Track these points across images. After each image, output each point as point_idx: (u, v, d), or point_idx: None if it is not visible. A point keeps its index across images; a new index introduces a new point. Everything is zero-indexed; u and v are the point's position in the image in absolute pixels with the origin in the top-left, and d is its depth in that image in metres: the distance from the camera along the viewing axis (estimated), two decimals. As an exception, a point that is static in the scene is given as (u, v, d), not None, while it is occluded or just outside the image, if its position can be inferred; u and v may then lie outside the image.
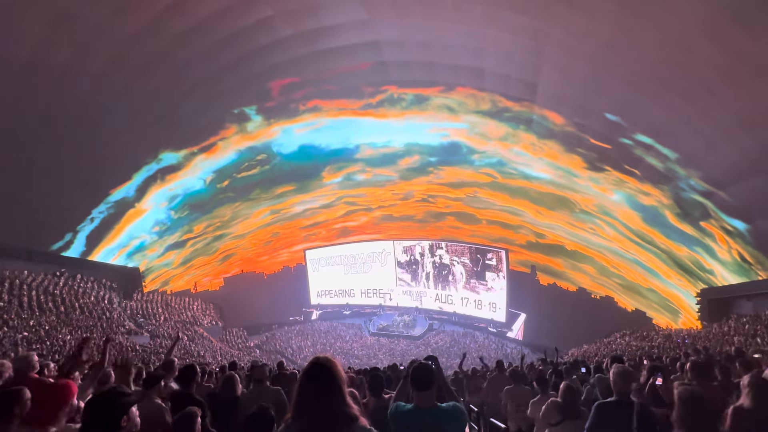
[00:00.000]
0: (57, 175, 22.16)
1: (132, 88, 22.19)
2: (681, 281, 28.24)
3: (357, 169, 35.14)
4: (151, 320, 28.93)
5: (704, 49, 17.09)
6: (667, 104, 20.76)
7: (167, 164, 26.54)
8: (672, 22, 17.04)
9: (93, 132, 21.99)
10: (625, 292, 33.69)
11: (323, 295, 25.46)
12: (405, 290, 23.26)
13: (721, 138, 19.60)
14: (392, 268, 23.46)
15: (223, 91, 25.44)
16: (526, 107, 27.63)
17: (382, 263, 23.84)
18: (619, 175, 25.80)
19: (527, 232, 36.85)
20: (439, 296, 23.20)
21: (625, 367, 2.96)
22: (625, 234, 29.65)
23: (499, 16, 21.75)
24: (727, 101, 18.04)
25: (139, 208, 27.57)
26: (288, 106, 29.35)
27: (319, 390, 1.46)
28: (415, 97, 29.28)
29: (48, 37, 18.44)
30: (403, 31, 25.27)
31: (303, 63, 26.72)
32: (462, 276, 23.69)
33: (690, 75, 18.66)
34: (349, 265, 24.89)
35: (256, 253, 40.89)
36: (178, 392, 3.37)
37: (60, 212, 23.81)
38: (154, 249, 31.52)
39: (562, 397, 3.36)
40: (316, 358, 1.56)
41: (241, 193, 33.01)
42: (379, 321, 39.32)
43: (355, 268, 24.74)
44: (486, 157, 32.84)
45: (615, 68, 21.44)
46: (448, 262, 23.96)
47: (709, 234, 23.84)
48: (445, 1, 21.97)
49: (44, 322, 21.60)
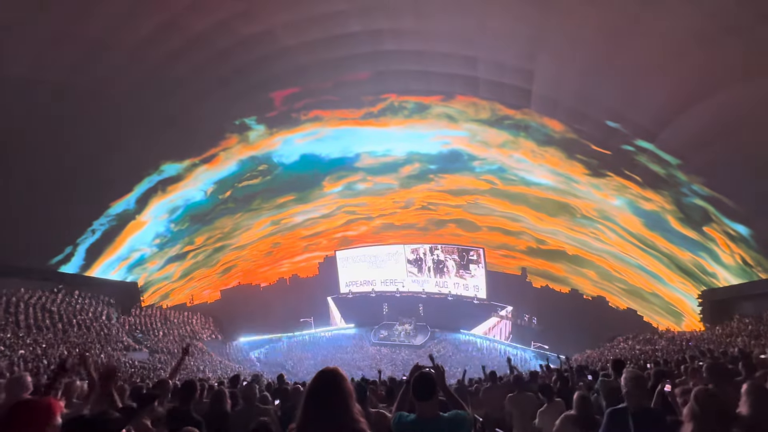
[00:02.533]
0: (56, 187, 21.74)
1: (132, 99, 21.94)
2: (684, 285, 28.45)
3: (358, 178, 35.11)
4: (149, 335, 28.34)
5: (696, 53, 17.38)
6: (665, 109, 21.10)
7: (168, 175, 26.20)
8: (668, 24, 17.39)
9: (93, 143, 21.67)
10: (628, 296, 33.87)
11: (351, 284, 35.61)
12: (413, 280, 33.54)
13: (720, 142, 19.88)
14: (403, 264, 33.50)
15: (224, 101, 25.30)
16: (527, 115, 27.92)
17: (396, 261, 33.85)
18: (621, 181, 26.07)
19: (528, 238, 37.02)
20: (438, 283, 33.63)
21: (637, 371, 2.84)
22: (626, 239, 29.89)
23: (490, 25, 22.17)
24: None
25: (140, 220, 27.12)
26: (289, 116, 29.29)
27: (326, 403, 1.41)
28: (417, 106, 29.44)
29: (44, 54, 18.24)
30: (399, 41, 25.56)
31: (304, 73, 26.78)
32: (453, 268, 33.17)
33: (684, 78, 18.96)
34: (371, 262, 34.79)
35: (257, 265, 40.47)
36: (176, 409, 3.27)
37: (60, 226, 23.33)
38: (154, 262, 30.98)
39: (577, 409, 3.21)
40: (323, 370, 1.53)
41: (242, 204, 32.71)
42: (381, 331, 38.99)
43: (375, 265, 34.58)
44: (486, 164, 33.04)
45: (612, 75, 21.78)
46: (443, 258, 33.41)
47: (711, 238, 24.10)
48: (437, 10, 22.31)
49: (41, 339, 21.04)
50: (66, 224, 23.60)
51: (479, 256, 32.99)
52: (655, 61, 19.09)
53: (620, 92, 22.11)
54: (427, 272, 34.27)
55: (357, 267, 36.26)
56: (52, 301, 24.03)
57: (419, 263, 34.78)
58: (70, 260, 25.37)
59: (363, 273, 36.16)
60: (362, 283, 36.42)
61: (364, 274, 36.25)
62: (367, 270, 36.12)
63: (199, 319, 34.74)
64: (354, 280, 36.74)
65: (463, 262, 33.53)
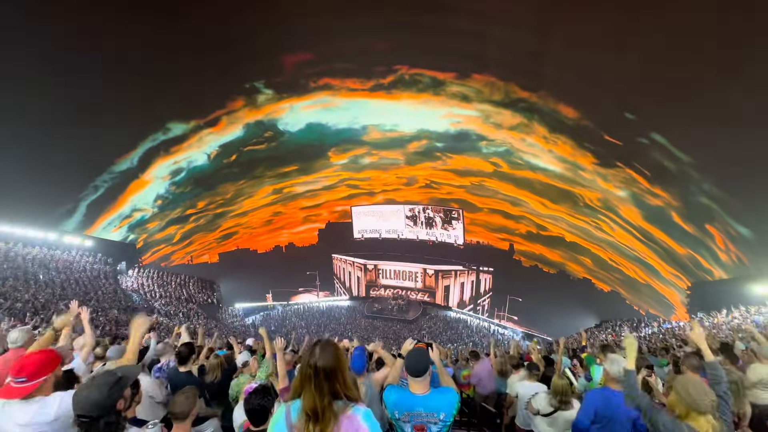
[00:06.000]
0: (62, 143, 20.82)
1: (141, 53, 20.78)
2: (678, 278, 29.23)
3: (364, 151, 34.51)
4: (146, 297, 28.17)
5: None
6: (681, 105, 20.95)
7: (174, 135, 25.26)
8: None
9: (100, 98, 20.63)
10: (623, 287, 34.79)
11: (362, 232, 43.00)
12: (410, 230, 40.57)
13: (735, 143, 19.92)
14: (403, 219, 40.31)
15: (233, 61, 24.18)
16: (542, 98, 27.52)
17: (397, 216, 40.92)
18: (630, 173, 26.17)
19: (528, 222, 37.38)
20: (428, 233, 40.44)
21: (617, 356, 2.87)
22: (627, 229, 30.36)
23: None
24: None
25: (143, 179, 26.33)
26: (298, 82, 28.29)
27: (320, 372, 1.45)
28: (431, 80, 28.65)
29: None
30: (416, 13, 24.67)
31: (317, 39, 25.67)
32: (440, 222, 39.69)
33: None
34: (378, 216, 42.03)
35: (256, 232, 40.16)
36: (175, 370, 3.36)
37: (64, 181, 22.52)
38: (155, 222, 30.39)
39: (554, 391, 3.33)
40: (318, 340, 1.57)
41: (246, 170, 32.04)
42: (375, 305, 39.56)
43: (382, 218, 41.86)
44: (493, 146, 32.77)
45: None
46: (432, 215, 39.85)
47: (710, 235, 24.59)
48: None
49: (40, 295, 20.77)
50: (70, 180, 22.79)
51: (459, 214, 39.78)
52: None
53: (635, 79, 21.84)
54: (420, 225, 42.17)
55: (367, 219, 44.26)
56: (50, 257, 23.58)
57: (414, 219, 42.47)
58: (72, 216, 24.68)
59: (372, 224, 44.79)
60: (371, 232, 45.08)
61: (373, 224, 44.90)
62: (375, 222, 44.57)
63: (195, 283, 34.56)
64: (364, 228, 45.13)
65: (447, 218, 40.71)
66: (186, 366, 3.38)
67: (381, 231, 44.20)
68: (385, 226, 43.45)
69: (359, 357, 2.78)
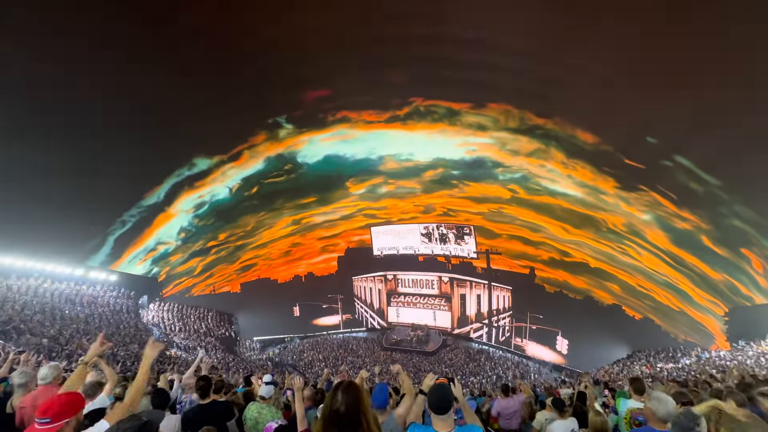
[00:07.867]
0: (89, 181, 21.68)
1: (169, 91, 21.87)
2: (714, 304, 27.84)
3: (380, 180, 34.86)
4: (166, 331, 28.13)
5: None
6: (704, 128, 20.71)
7: (198, 170, 26.11)
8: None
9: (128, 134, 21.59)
10: (656, 315, 33.21)
11: (381, 249, 44.74)
12: (425, 247, 42.12)
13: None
14: (418, 236, 42.11)
15: (258, 99, 25.20)
16: (557, 125, 27.65)
17: (413, 234, 42.61)
18: (654, 196, 25.64)
19: (549, 248, 36.59)
20: (443, 249, 41.51)
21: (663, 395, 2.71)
22: (655, 254, 29.37)
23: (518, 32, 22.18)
24: None
25: (169, 212, 27.01)
26: (316, 116, 29.19)
27: (344, 418, 1.45)
28: (447, 111, 29.21)
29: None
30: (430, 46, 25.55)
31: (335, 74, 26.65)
32: (453, 238, 40.79)
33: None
34: (395, 234, 43.83)
35: (275, 264, 40.42)
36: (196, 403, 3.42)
37: (93, 216, 23.23)
38: (177, 255, 30.86)
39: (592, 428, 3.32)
40: (339, 382, 1.57)
41: (266, 202, 32.64)
42: (393, 335, 38.55)
43: (399, 236, 43.61)
44: (509, 173, 32.76)
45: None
46: (445, 232, 41.29)
47: (746, 259, 23.56)
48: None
49: (66, 330, 20.92)
50: (97, 214, 23.53)
51: (470, 230, 41.11)
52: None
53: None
54: (435, 241, 43.85)
55: (385, 238, 46.16)
56: (76, 292, 23.95)
57: (429, 236, 44.17)
58: (100, 250, 25.28)
59: (389, 242, 46.72)
60: (389, 249, 47.10)
61: (390, 242, 46.80)
62: (392, 239, 46.49)
63: (215, 316, 34.53)
64: (383, 246, 47.10)
65: (459, 234, 42.09)
66: (207, 398, 3.43)
67: (398, 248, 46.48)
68: (402, 243, 45.59)
69: (381, 392, 2.70)
